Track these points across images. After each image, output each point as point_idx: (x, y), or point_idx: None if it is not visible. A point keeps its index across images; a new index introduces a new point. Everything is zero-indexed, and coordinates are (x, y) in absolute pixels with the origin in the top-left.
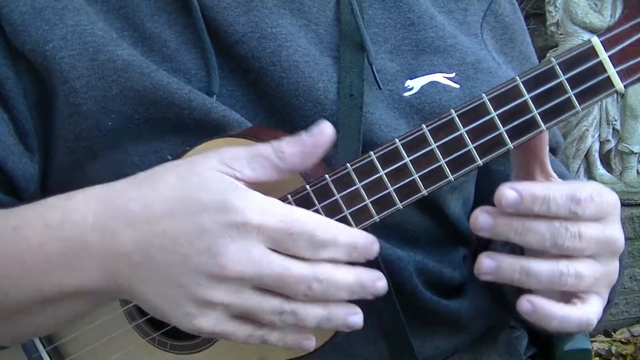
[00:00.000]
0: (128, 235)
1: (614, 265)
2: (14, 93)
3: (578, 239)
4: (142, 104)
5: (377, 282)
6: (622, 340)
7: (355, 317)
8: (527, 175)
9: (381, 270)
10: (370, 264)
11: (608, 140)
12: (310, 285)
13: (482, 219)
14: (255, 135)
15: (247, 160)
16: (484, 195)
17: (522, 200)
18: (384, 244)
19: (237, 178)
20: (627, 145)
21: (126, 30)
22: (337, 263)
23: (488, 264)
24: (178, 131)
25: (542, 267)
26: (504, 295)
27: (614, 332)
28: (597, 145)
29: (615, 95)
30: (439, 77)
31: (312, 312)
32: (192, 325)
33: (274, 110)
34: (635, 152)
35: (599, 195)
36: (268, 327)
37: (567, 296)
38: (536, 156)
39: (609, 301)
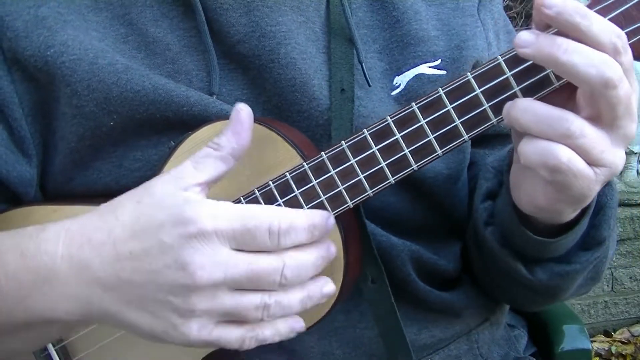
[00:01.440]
0: (97, 262)
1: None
2: (7, 102)
3: (624, 85)
4: (142, 104)
5: (330, 247)
6: (622, 340)
7: (330, 285)
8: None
9: (374, 256)
10: (365, 249)
11: None
12: (283, 274)
13: (524, 36)
14: (259, 120)
15: (193, 166)
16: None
17: (564, 7)
18: (379, 232)
19: (192, 185)
20: (627, 146)
21: (130, 36)
22: (302, 247)
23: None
24: (177, 128)
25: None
26: (496, 287)
27: (614, 332)
28: None
29: None
30: (424, 69)
31: (294, 297)
32: (179, 334)
33: (271, 106)
34: (635, 152)
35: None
36: (258, 326)
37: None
38: None
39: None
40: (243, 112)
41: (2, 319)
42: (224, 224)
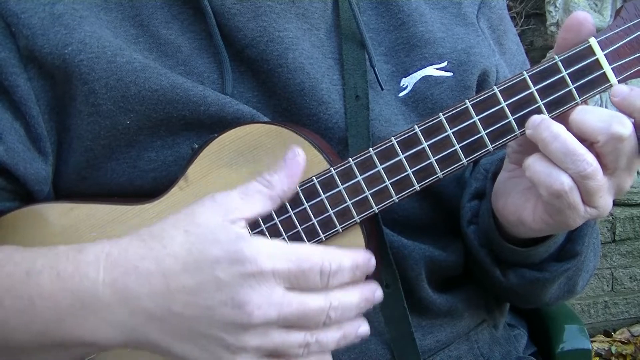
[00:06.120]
0: (146, 292)
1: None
2: (24, 99)
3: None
4: (160, 103)
5: (376, 292)
6: (622, 340)
7: (365, 327)
8: None
9: (389, 261)
10: (381, 254)
11: None
12: (328, 314)
13: (620, 88)
14: (285, 125)
15: (241, 198)
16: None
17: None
18: (389, 232)
19: (240, 218)
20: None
21: (141, 37)
22: (344, 286)
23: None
24: (192, 128)
25: None
26: (481, 284)
27: (614, 332)
28: None
29: None
30: (431, 70)
31: (332, 337)
32: None
33: (281, 109)
34: None
35: None
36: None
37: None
38: None
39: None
40: (300, 157)
41: (33, 337)
42: (281, 265)
